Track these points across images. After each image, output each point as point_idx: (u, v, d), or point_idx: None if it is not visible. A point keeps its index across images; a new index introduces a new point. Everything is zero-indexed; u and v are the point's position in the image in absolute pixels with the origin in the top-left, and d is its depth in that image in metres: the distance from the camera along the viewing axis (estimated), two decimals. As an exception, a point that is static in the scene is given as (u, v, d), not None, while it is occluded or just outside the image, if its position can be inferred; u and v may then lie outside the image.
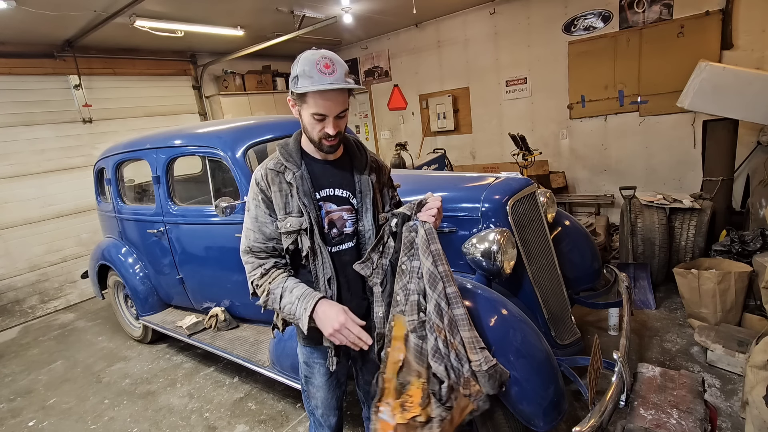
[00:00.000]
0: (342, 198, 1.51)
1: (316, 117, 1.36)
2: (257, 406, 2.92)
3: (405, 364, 1.38)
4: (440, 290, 1.38)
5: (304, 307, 1.39)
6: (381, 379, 1.40)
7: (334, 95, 1.34)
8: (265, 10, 4.92)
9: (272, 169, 1.47)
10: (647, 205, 3.73)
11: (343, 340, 1.37)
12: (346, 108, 1.40)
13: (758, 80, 3.70)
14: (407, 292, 1.40)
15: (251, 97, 7.14)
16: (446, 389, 1.36)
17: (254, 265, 1.48)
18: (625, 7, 4.93)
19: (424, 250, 1.38)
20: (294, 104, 1.42)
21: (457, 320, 1.40)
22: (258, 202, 1.48)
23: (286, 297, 1.42)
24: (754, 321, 2.94)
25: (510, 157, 5.37)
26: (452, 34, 6.49)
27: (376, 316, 1.46)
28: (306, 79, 1.31)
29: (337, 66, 1.33)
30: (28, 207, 5.14)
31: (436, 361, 1.37)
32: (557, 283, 2.52)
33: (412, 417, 1.35)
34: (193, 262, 3.21)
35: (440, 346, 1.37)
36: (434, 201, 1.45)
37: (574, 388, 2.38)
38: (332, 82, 1.30)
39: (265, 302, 1.47)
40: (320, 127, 1.38)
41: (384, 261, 1.45)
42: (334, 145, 1.43)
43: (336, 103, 1.35)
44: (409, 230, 1.41)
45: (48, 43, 5.13)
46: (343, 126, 1.43)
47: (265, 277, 1.46)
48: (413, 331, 1.38)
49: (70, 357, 4.03)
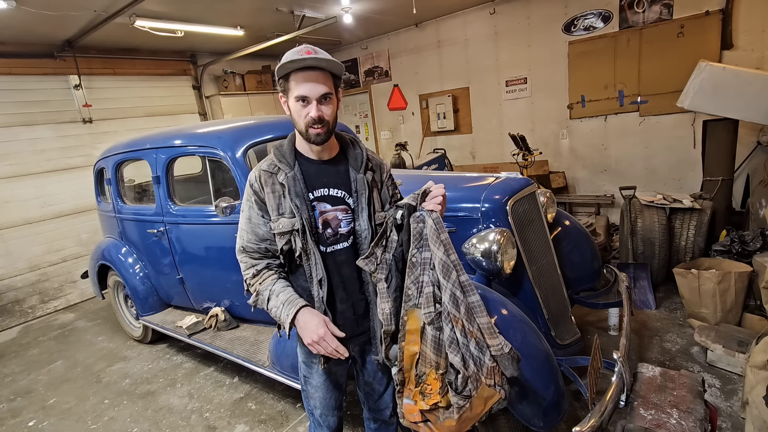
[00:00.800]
0: (337, 198, 1.50)
1: (299, 101, 1.37)
2: (257, 406, 2.92)
3: (421, 356, 1.38)
4: (454, 279, 1.36)
5: (287, 314, 1.41)
6: (400, 371, 1.41)
7: (315, 75, 1.36)
8: (265, 10, 4.92)
9: (265, 170, 1.48)
10: (647, 205, 3.73)
11: (320, 350, 1.41)
12: (330, 92, 1.39)
13: (758, 80, 3.70)
14: (420, 284, 1.38)
15: (251, 97, 7.14)
16: (462, 379, 1.35)
17: (248, 265, 1.51)
18: (625, 7, 4.93)
19: (435, 240, 1.36)
20: (284, 99, 1.44)
21: (473, 307, 1.38)
22: (251, 203, 1.49)
23: (273, 300, 1.45)
24: (754, 321, 2.94)
25: (510, 157, 5.37)
26: (452, 34, 6.49)
27: (383, 313, 1.42)
28: (288, 64, 1.35)
29: (319, 53, 1.36)
30: (28, 207, 5.14)
31: (453, 351, 1.36)
32: (557, 283, 2.52)
33: (433, 403, 1.37)
34: (193, 262, 3.21)
35: (458, 336, 1.35)
36: (438, 189, 1.43)
37: (574, 388, 2.38)
38: (311, 59, 1.34)
39: (255, 302, 1.51)
40: (305, 113, 1.38)
41: (387, 256, 1.42)
42: (321, 134, 1.40)
43: (317, 84, 1.36)
44: (417, 221, 1.39)
45: (48, 43, 5.13)
46: (329, 114, 1.40)
47: (256, 278, 1.49)
48: (431, 323, 1.37)
49: (70, 357, 4.03)
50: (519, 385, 1.62)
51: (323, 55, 1.36)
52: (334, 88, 1.42)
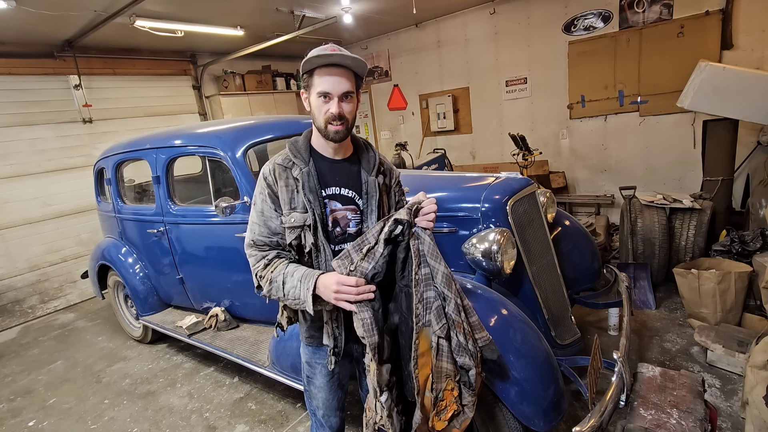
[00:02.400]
0: (347, 198, 1.51)
1: (321, 97, 1.39)
2: (257, 406, 2.92)
3: (435, 374, 1.39)
4: (455, 289, 1.40)
5: (307, 287, 1.37)
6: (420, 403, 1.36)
7: (338, 72, 1.38)
8: (265, 10, 4.92)
9: (280, 164, 1.48)
10: (647, 205, 3.73)
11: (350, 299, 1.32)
12: (352, 91, 1.42)
13: (758, 80, 3.70)
14: (427, 301, 1.38)
15: (251, 97, 7.14)
16: (474, 375, 1.41)
17: (258, 258, 1.48)
18: (625, 7, 4.93)
19: (435, 255, 1.39)
20: (305, 95, 1.46)
21: (467, 308, 1.44)
22: (264, 196, 1.48)
23: (289, 282, 1.41)
24: (754, 321, 2.94)
25: (510, 157, 5.37)
26: (452, 34, 6.49)
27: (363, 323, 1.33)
28: (313, 59, 1.37)
29: (344, 51, 1.39)
30: (28, 207, 5.14)
31: (460, 354, 1.41)
32: (557, 283, 2.52)
33: (450, 416, 1.39)
34: (193, 262, 3.21)
35: (461, 340, 1.40)
36: (430, 205, 1.43)
37: (574, 388, 2.38)
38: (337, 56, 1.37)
39: (269, 291, 1.45)
40: (326, 109, 1.40)
41: (366, 264, 1.34)
42: (341, 132, 1.42)
43: (340, 80, 1.38)
44: (414, 238, 1.39)
45: (48, 43, 5.12)
46: (349, 112, 1.42)
47: (267, 268, 1.46)
48: (443, 337, 1.39)
49: (70, 357, 4.03)
50: (519, 385, 1.62)
51: (348, 54, 1.39)
52: (356, 87, 1.44)
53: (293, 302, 1.42)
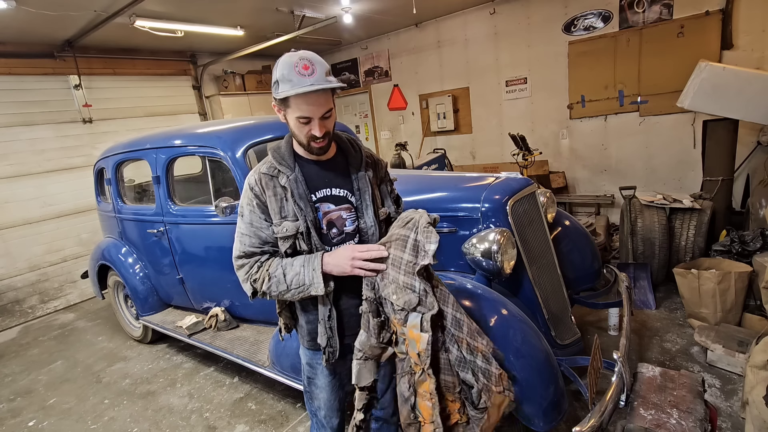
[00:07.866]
0: (340, 197, 1.50)
1: (301, 120, 1.35)
2: (257, 406, 2.92)
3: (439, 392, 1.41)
4: (452, 302, 1.44)
5: (313, 268, 1.37)
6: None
7: (316, 97, 1.31)
8: (265, 10, 4.92)
9: (265, 173, 1.45)
10: (647, 205, 3.73)
11: (366, 266, 1.37)
12: (331, 108, 1.37)
13: (758, 80, 3.70)
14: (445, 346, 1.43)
15: (251, 97, 7.14)
16: (476, 393, 1.41)
17: (250, 264, 1.46)
18: (625, 7, 4.93)
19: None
20: (279, 109, 1.40)
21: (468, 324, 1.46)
22: (253, 207, 1.46)
23: (290, 272, 1.40)
24: (754, 321, 2.94)
25: (510, 157, 5.37)
26: (452, 34, 6.49)
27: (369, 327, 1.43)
28: (286, 83, 1.30)
29: (317, 66, 1.31)
30: (28, 207, 5.14)
31: (463, 369, 1.42)
32: (557, 283, 2.52)
33: (454, 423, 1.42)
34: (193, 262, 3.21)
35: (464, 355, 1.41)
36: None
37: (574, 388, 2.38)
38: (312, 83, 1.28)
39: (269, 288, 1.42)
40: (306, 130, 1.37)
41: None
42: (324, 147, 1.41)
43: (319, 105, 1.32)
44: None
45: (48, 43, 5.13)
46: (331, 126, 1.40)
47: (262, 268, 1.44)
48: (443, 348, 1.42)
49: (70, 357, 4.03)
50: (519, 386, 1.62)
51: (321, 69, 1.32)
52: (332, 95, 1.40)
53: (297, 291, 1.40)
